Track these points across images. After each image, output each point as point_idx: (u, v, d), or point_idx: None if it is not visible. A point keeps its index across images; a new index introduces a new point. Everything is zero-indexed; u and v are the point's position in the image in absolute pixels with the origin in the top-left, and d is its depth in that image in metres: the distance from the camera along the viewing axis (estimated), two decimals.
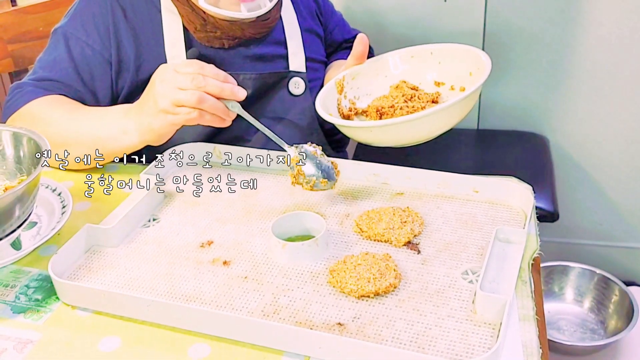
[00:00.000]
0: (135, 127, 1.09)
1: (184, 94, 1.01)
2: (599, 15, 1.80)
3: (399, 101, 1.15)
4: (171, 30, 1.22)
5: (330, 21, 1.44)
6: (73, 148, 1.12)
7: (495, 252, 0.91)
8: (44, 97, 1.17)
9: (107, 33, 1.21)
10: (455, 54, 1.19)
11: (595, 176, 2.01)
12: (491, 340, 0.78)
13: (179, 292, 0.88)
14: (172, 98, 1.02)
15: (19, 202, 0.91)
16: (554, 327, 1.92)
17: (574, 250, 2.10)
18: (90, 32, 1.21)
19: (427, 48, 1.21)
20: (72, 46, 1.21)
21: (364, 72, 1.22)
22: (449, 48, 1.20)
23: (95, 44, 1.21)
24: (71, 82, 1.20)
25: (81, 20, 1.22)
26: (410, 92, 1.17)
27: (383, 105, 1.15)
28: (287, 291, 0.87)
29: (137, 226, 1.01)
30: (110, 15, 1.21)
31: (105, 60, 1.21)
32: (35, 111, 1.16)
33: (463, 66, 1.16)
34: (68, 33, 1.21)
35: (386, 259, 0.89)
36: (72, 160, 1.13)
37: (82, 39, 1.21)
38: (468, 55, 1.16)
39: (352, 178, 1.10)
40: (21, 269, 0.95)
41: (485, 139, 1.99)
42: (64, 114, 1.15)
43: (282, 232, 0.95)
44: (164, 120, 1.05)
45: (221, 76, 1.03)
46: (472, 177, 1.04)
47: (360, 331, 0.80)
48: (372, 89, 1.22)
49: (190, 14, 1.20)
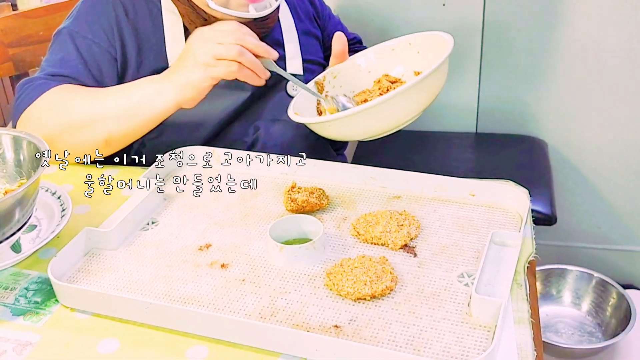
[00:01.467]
0: (171, 86, 1.11)
1: (224, 47, 1.06)
2: (598, 20, 1.81)
3: (373, 95, 1.16)
4: (172, 29, 1.24)
5: (328, 24, 1.46)
6: (102, 124, 1.13)
7: (491, 255, 0.91)
8: (59, 86, 1.17)
9: (112, 31, 1.22)
10: (432, 42, 1.19)
11: (593, 179, 2.02)
12: (486, 343, 0.78)
13: (177, 295, 0.88)
14: (213, 52, 1.06)
15: (19, 205, 0.92)
16: (552, 330, 1.93)
17: (572, 253, 2.10)
18: (96, 30, 1.22)
19: (404, 40, 1.22)
20: (79, 44, 1.22)
21: (344, 70, 1.23)
22: (425, 36, 1.20)
23: (102, 42, 1.22)
24: (82, 78, 1.20)
25: (86, 20, 1.23)
26: (387, 85, 1.17)
27: (358, 101, 1.16)
28: (284, 294, 0.87)
29: (136, 229, 1.02)
30: (113, 14, 1.23)
31: (112, 57, 1.23)
32: (55, 99, 1.15)
33: (440, 53, 1.16)
34: (74, 32, 1.22)
35: (383, 262, 0.90)
36: (99, 140, 1.14)
37: (89, 37, 1.22)
38: (442, 42, 1.15)
39: (349, 181, 1.10)
40: (21, 272, 0.96)
41: (484, 142, 2.00)
42: (86, 95, 1.15)
43: (280, 236, 0.95)
44: (204, 74, 1.08)
45: (256, 35, 1.09)
46: (468, 181, 1.05)
47: (357, 333, 0.81)
48: (356, 85, 1.23)
49: (191, 14, 1.22)
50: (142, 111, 1.13)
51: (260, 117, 1.28)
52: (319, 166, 1.11)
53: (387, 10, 1.91)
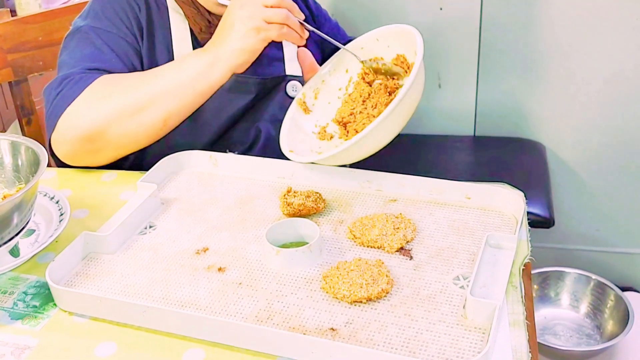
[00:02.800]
0: (226, 55, 1.14)
1: (272, 11, 1.12)
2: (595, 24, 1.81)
3: (356, 105, 1.17)
4: (179, 29, 1.25)
5: (325, 28, 1.46)
6: (159, 104, 1.13)
7: (486, 257, 0.92)
8: (104, 76, 1.15)
9: (131, 24, 1.23)
10: (398, 35, 1.18)
11: (591, 182, 2.02)
12: (481, 345, 0.79)
13: (174, 298, 0.89)
14: (262, 15, 1.12)
15: (17, 209, 0.92)
16: (550, 333, 1.93)
17: (570, 255, 2.11)
18: (120, 26, 1.22)
19: (371, 35, 1.22)
20: (106, 39, 1.21)
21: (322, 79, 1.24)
22: (391, 30, 1.19)
23: (127, 36, 1.22)
24: (118, 70, 1.19)
25: (105, 17, 1.23)
26: (367, 90, 1.17)
27: (343, 115, 1.17)
28: (280, 297, 0.88)
29: (133, 233, 1.02)
30: (130, 10, 1.24)
31: (137, 50, 1.23)
32: (104, 86, 1.13)
33: (409, 46, 1.16)
34: (97, 29, 1.21)
35: (379, 265, 0.91)
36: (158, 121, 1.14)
37: (114, 31, 1.22)
38: (409, 35, 1.15)
39: (346, 185, 1.11)
40: (19, 276, 0.96)
41: (482, 145, 2.01)
42: (136, 78, 1.15)
43: (277, 239, 0.96)
44: (256, 38, 1.12)
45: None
46: (464, 184, 1.05)
47: (353, 336, 0.81)
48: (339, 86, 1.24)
49: (195, 15, 1.24)
50: (200, 84, 1.15)
51: (262, 118, 1.30)
52: (316, 170, 1.12)
53: (384, 14, 1.92)
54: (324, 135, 1.19)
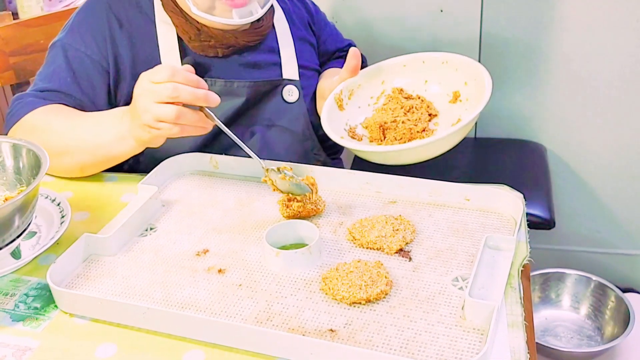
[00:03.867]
0: (131, 134, 1.10)
1: (162, 110, 1.00)
2: (595, 26, 1.82)
3: (399, 114, 1.18)
4: (166, 40, 1.25)
5: (323, 31, 1.47)
6: (75, 155, 1.14)
7: (485, 259, 0.92)
8: (43, 107, 1.19)
9: (105, 44, 1.23)
10: (448, 62, 1.21)
11: (592, 184, 2.02)
12: (479, 346, 0.79)
13: (174, 300, 0.89)
14: (153, 113, 1.01)
15: (19, 212, 0.93)
16: (551, 334, 1.93)
17: (571, 257, 2.11)
18: (89, 43, 1.23)
19: (419, 57, 1.25)
20: (70, 57, 1.23)
21: (359, 82, 1.26)
22: (443, 57, 1.23)
23: (94, 55, 1.23)
24: (71, 91, 1.22)
25: (79, 32, 1.24)
26: (407, 104, 1.20)
27: (385, 120, 1.18)
28: (280, 298, 0.88)
29: (134, 235, 1.03)
30: (107, 26, 1.24)
31: (104, 70, 1.24)
32: (35, 121, 1.17)
33: (457, 75, 1.19)
34: (66, 45, 1.24)
35: (378, 266, 0.91)
36: (75, 168, 1.16)
37: (81, 49, 1.23)
38: (462, 64, 1.18)
39: (345, 187, 1.12)
40: (20, 278, 0.97)
41: (483, 147, 2.01)
42: (63, 121, 1.16)
43: (276, 241, 0.96)
44: (149, 133, 1.05)
45: (193, 81, 1.01)
46: (463, 186, 1.06)
47: (352, 337, 0.82)
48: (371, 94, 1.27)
49: (184, 24, 1.23)
50: (114, 149, 1.13)
51: (256, 122, 1.30)
52: (315, 172, 1.12)
53: (383, 16, 1.92)
54: (354, 134, 1.21)
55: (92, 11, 1.25)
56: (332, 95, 1.23)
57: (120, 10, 1.25)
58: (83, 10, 1.27)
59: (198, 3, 1.19)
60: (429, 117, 1.19)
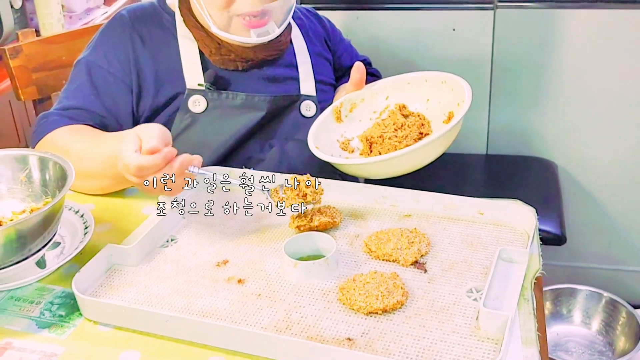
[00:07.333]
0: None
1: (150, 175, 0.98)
2: (605, 43, 1.84)
3: (388, 131, 1.20)
4: (188, 54, 1.29)
5: (339, 47, 1.50)
6: (94, 180, 1.17)
7: (499, 271, 0.94)
8: (65, 127, 1.22)
9: (128, 61, 1.27)
10: (446, 82, 1.23)
11: (603, 200, 2.04)
12: (494, 355, 0.81)
13: (196, 308, 0.92)
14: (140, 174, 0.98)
15: (44, 222, 0.96)
16: (563, 349, 1.94)
17: (582, 273, 2.12)
18: (112, 60, 1.27)
19: (422, 75, 1.27)
20: (94, 74, 1.27)
21: (362, 96, 1.29)
22: (443, 77, 1.24)
23: (117, 72, 1.27)
24: (94, 108, 1.25)
25: (102, 50, 1.28)
26: (401, 121, 1.22)
27: (372, 134, 1.21)
28: (299, 308, 0.91)
29: (156, 246, 1.05)
30: (130, 44, 1.28)
31: (127, 87, 1.27)
32: (57, 141, 1.20)
33: (452, 95, 1.21)
34: (90, 62, 1.28)
35: (394, 277, 0.93)
36: (96, 189, 1.19)
37: (104, 67, 1.27)
38: (456, 85, 1.20)
39: (361, 200, 1.14)
40: (45, 287, 0.99)
41: (494, 163, 2.03)
42: (84, 145, 1.17)
43: (294, 252, 0.99)
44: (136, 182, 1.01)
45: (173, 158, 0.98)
46: (477, 200, 1.08)
47: (369, 346, 0.84)
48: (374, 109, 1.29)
49: (205, 38, 1.27)
50: (121, 183, 1.15)
51: (275, 136, 1.33)
52: (332, 185, 1.14)
53: (398, 34, 1.95)
54: (346, 146, 1.24)
55: (115, 30, 1.29)
56: (331, 107, 1.27)
57: (143, 27, 1.29)
58: (106, 28, 1.31)
59: (217, 22, 1.23)
60: (420, 135, 1.20)
